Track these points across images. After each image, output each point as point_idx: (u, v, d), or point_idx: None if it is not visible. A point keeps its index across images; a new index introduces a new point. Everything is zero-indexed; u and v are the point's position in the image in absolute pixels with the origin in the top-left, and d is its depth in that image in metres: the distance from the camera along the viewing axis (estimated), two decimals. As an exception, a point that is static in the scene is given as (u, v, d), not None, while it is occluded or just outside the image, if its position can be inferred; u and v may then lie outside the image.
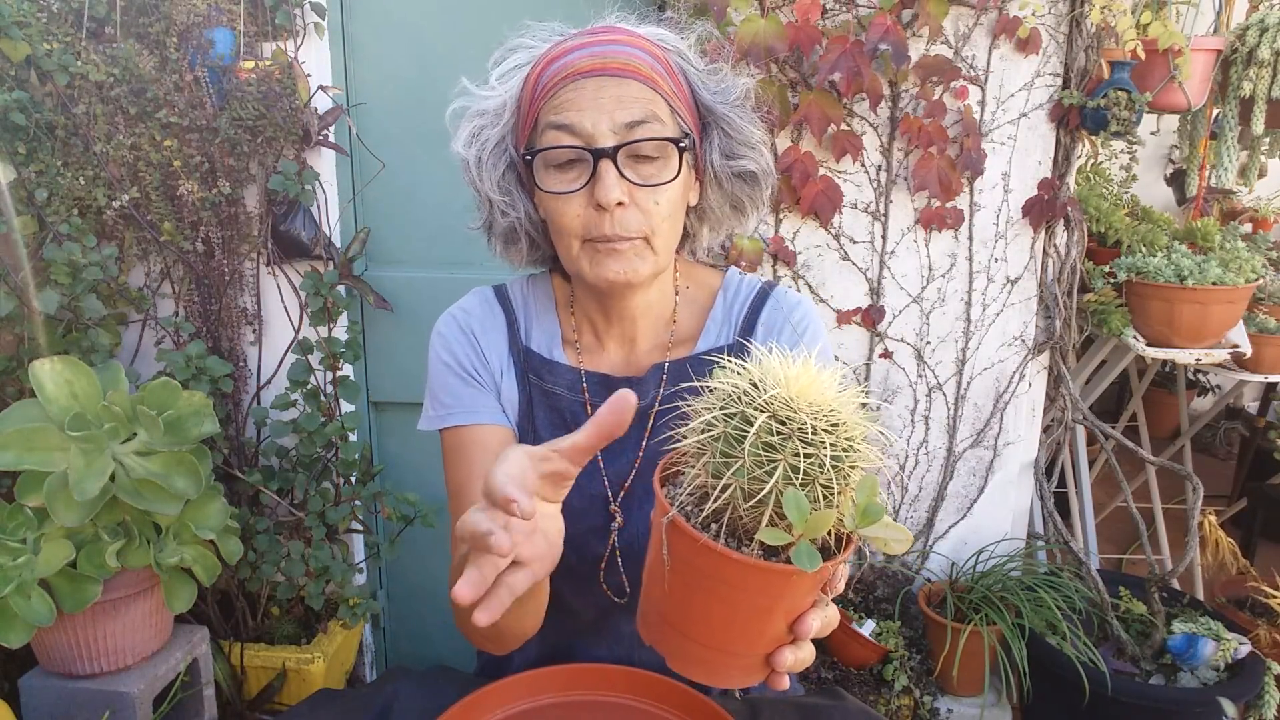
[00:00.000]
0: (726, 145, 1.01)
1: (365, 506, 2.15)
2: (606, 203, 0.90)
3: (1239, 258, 2.08)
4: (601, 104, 0.90)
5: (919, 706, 2.04)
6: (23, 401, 1.59)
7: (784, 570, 0.58)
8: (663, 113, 0.93)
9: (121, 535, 1.61)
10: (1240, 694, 1.97)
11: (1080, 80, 1.99)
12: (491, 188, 1.01)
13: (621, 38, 0.94)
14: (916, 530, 2.28)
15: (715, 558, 0.58)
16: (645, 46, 0.94)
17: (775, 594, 0.61)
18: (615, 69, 0.91)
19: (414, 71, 2.10)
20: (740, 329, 1.06)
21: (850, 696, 1.14)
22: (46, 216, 1.96)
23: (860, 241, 2.11)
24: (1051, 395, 2.25)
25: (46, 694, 1.68)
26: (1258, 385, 2.98)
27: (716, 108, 0.99)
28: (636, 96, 0.91)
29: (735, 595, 0.60)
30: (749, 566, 0.58)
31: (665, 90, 0.93)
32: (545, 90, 0.93)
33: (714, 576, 0.60)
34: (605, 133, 0.90)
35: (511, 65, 0.99)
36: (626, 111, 0.90)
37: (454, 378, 1.06)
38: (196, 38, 1.91)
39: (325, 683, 2.06)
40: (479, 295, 1.12)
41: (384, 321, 2.23)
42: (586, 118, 0.90)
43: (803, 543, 0.57)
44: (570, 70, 0.91)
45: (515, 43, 1.00)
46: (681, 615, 0.65)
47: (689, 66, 0.98)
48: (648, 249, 0.95)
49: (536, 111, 0.94)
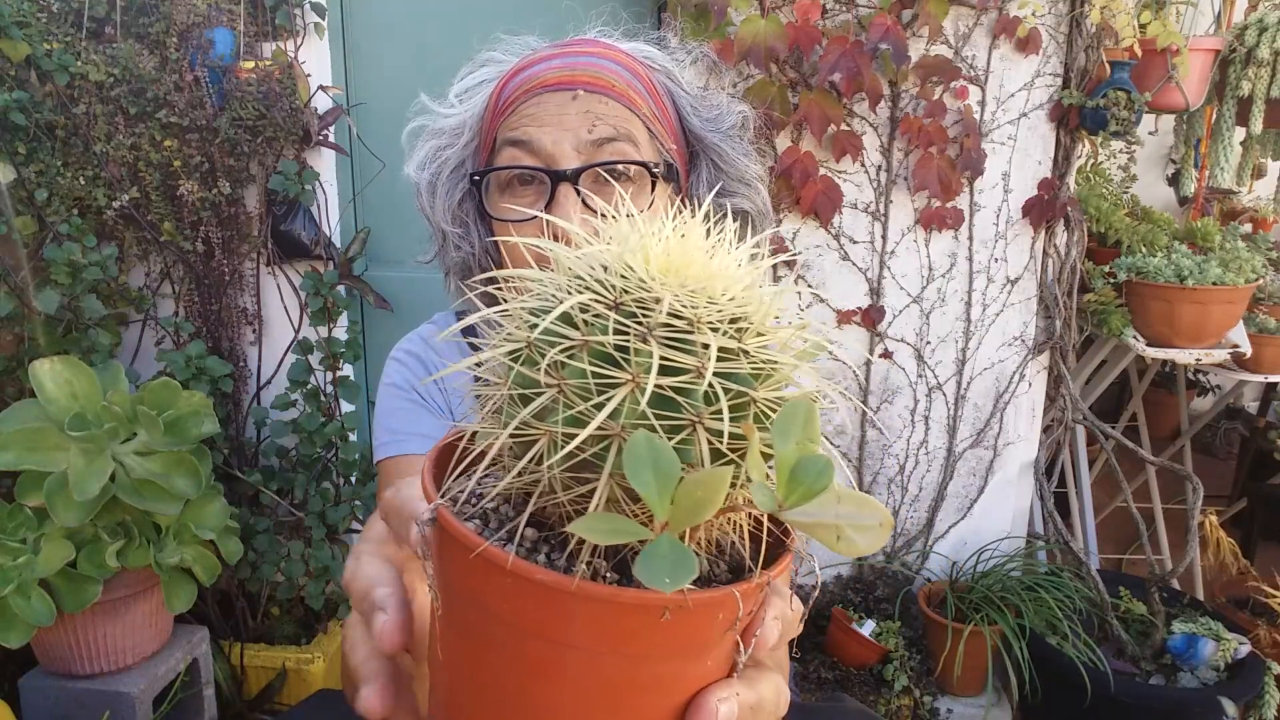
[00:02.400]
0: (716, 179, 0.89)
1: (365, 506, 2.15)
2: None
3: (1239, 258, 2.08)
4: (565, 120, 0.79)
5: (919, 706, 2.04)
6: (23, 401, 1.59)
7: (630, 602, 0.31)
8: (639, 134, 0.81)
9: (121, 535, 1.61)
10: (1240, 694, 1.97)
11: (1080, 80, 1.99)
12: (444, 216, 0.90)
13: (598, 50, 0.84)
14: (917, 530, 2.28)
15: (504, 584, 0.31)
16: (624, 61, 0.84)
17: (625, 651, 0.32)
18: (585, 82, 0.80)
19: (414, 71, 2.10)
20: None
21: (850, 697, 1.14)
22: (46, 216, 1.96)
23: (860, 241, 2.11)
24: (1051, 395, 2.25)
25: (46, 694, 1.68)
26: (1258, 385, 2.98)
27: (707, 136, 0.88)
28: (609, 114, 0.80)
29: (558, 660, 0.32)
30: (566, 597, 0.30)
31: (643, 111, 0.82)
32: (506, 105, 0.82)
33: (512, 623, 0.32)
34: (568, 152, 0.79)
35: (476, 81, 0.89)
36: (592, 128, 0.79)
37: (398, 399, 0.93)
38: (196, 38, 1.91)
39: (325, 683, 2.06)
40: (436, 323, 1.02)
41: (384, 321, 2.23)
42: (547, 134, 0.79)
43: (663, 537, 0.30)
44: (534, 83, 0.81)
45: (484, 56, 0.90)
46: (469, 706, 0.35)
47: (677, 89, 0.88)
48: None
49: (496, 129, 0.83)
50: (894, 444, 2.23)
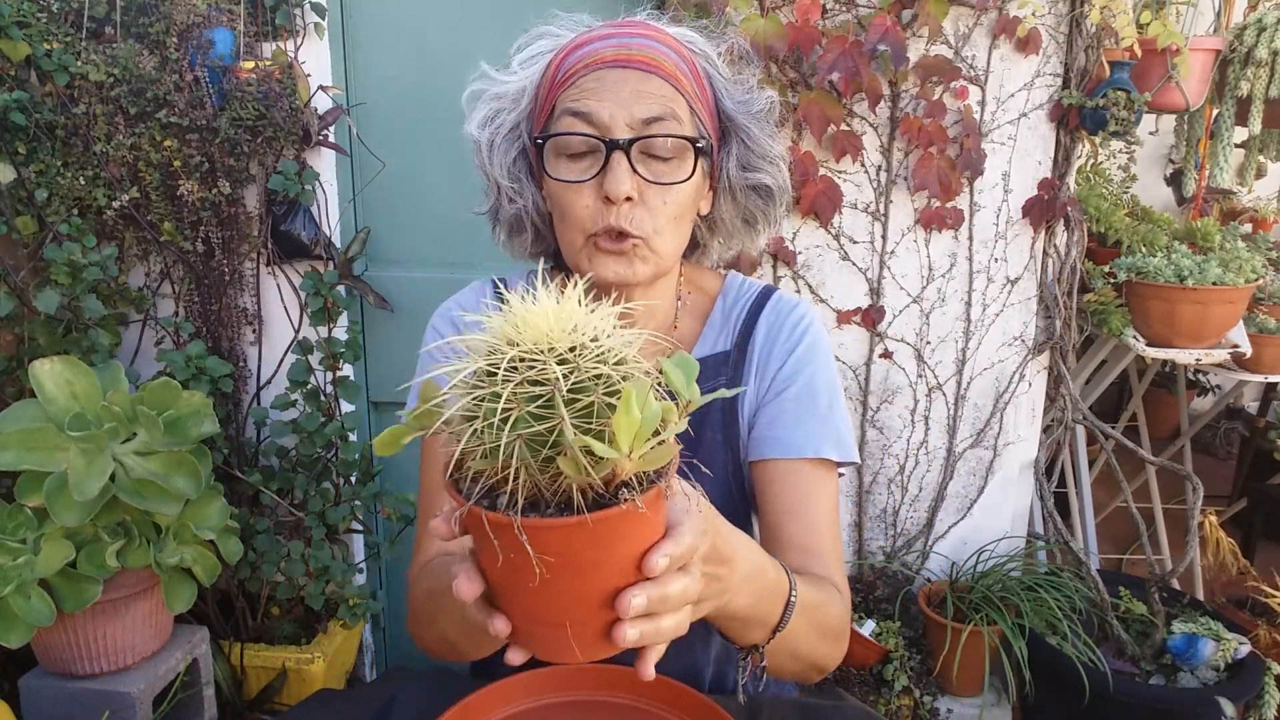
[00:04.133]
0: (744, 156, 1.00)
1: (365, 506, 2.15)
2: (615, 195, 0.88)
3: (1239, 258, 2.08)
4: (621, 96, 0.89)
5: (919, 706, 2.04)
6: (23, 401, 1.59)
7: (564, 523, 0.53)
8: (682, 112, 0.92)
9: (121, 535, 1.61)
10: (1240, 694, 1.97)
11: (1080, 80, 1.99)
12: (501, 173, 0.99)
13: (649, 33, 0.93)
14: (917, 530, 2.28)
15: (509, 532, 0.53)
16: (672, 44, 0.93)
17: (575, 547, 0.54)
18: (639, 61, 0.90)
19: (414, 71, 2.10)
20: (739, 333, 1.05)
21: (850, 697, 1.14)
22: (46, 216, 1.96)
23: (860, 241, 2.11)
24: (1051, 395, 2.25)
25: (46, 694, 1.68)
26: (1258, 385, 2.98)
27: (738, 117, 0.98)
28: (657, 92, 0.90)
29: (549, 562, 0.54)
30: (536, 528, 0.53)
31: (687, 90, 0.92)
32: (566, 77, 0.92)
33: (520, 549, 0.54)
34: (621, 125, 0.89)
35: (535, 51, 0.98)
36: (645, 106, 0.89)
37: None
38: (196, 38, 1.91)
39: (325, 683, 2.06)
40: (474, 291, 1.12)
41: (384, 321, 2.23)
42: (605, 107, 0.89)
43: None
44: (593, 59, 0.90)
45: (541, 30, 0.99)
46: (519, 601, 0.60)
47: (714, 72, 0.97)
48: (649, 251, 0.93)
49: (554, 98, 0.93)
50: (894, 444, 2.23)
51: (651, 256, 0.94)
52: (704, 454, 1.01)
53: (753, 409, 1.03)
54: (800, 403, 1.00)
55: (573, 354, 0.53)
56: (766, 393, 1.02)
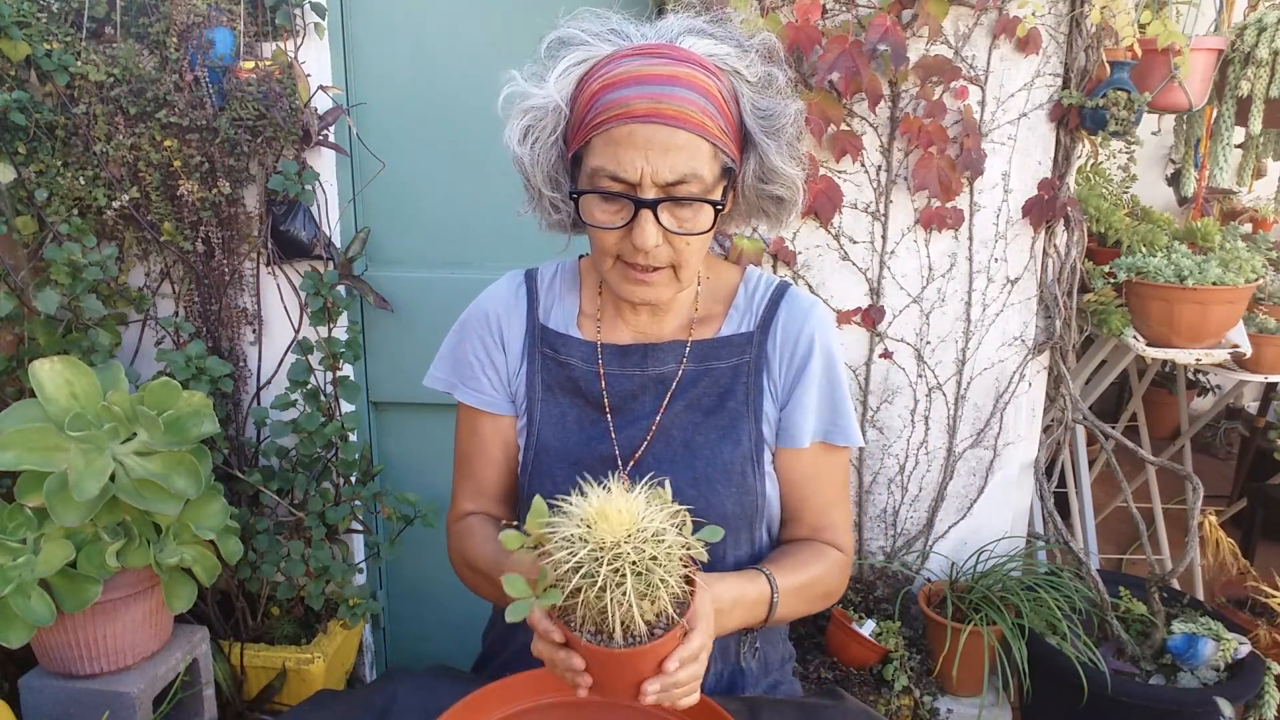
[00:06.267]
0: (761, 169, 1.06)
1: (365, 506, 2.15)
2: (642, 246, 0.98)
3: (1239, 258, 2.08)
4: (651, 155, 0.95)
5: (919, 706, 2.04)
6: (23, 401, 1.59)
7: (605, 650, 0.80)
8: (705, 166, 0.97)
9: (121, 535, 1.61)
10: (1240, 694, 1.98)
11: (1080, 80, 1.99)
12: (544, 182, 1.07)
13: (680, 70, 0.96)
14: (917, 530, 2.28)
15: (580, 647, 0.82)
16: (699, 83, 0.96)
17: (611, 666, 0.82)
18: (669, 116, 0.94)
19: (414, 71, 2.10)
20: (760, 320, 1.15)
21: (850, 696, 1.14)
22: (46, 216, 1.96)
23: (860, 241, 2.11)
24: (1051, 395, 2.25)
25: (46, 694, 1.68)
26: (1258, 385, 2.98)
27: (757, 135, 1.03)
28: (684, 147, 0.95)
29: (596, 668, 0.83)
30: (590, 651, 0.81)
31: (713, 132, 0.97)
32: (598, 118, 0.96)
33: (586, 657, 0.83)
34: (649, 184, 0.96)
35: (567, 64, 1.01)
36: (671, 166, 0.95)
37: (472, 355, 1.17)
38: (196, 38, 1.91)
39: (325, 683, 2.06)
40: (510, 280, 1.21)
41: (384, 321, 2.23)
42: (635, 167, 0.95)
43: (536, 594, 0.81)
44: (624, 112, 0.95)
45: (569, 33, 1.02)
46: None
47: (743, 86, 1.01)
48: (674, 278, 1.04)
49: (588, 133, 0.98)
50: (894, 444, 2.23)
51: (675, 282, 1.05)
52: (726, 419, 1.12)
53: (777, 388, 1.14)
54: (813, 395, 1.13)
55: (628, 541, 0.79)
56: (786, 379, 1.14)
